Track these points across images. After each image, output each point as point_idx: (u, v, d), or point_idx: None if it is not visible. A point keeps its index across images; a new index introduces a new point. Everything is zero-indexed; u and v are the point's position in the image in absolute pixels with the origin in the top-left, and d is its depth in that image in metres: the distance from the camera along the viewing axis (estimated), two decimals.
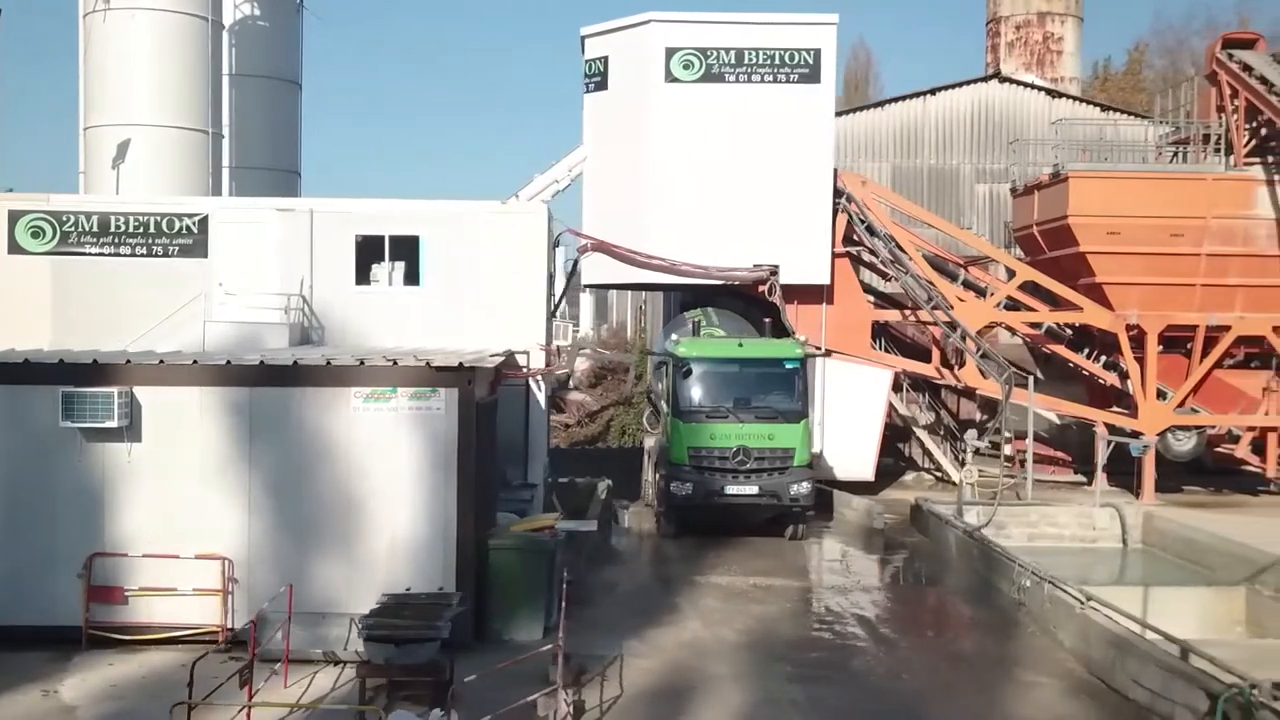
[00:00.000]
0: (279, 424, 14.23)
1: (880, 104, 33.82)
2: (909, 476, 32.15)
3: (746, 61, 26.57)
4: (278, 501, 14.22)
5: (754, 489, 21.28)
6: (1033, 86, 34.23)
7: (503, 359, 16.66)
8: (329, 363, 14.21)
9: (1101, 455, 25.16)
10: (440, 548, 14.18)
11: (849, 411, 27.67)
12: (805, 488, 21.38)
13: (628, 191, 27.10)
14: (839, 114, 33.87)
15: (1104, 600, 14.81)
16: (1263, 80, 26.82)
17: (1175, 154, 29.67)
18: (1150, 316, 27.40)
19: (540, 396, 21.27)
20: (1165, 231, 26.64)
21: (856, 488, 27.44)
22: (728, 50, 26.53)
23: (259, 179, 30.54)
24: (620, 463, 30.25)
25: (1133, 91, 52.73)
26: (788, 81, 26.59)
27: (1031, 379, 27.31)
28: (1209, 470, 30.25)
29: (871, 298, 30.43)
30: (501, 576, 14.67)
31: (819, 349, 27.46)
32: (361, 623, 11.61)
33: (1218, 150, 27.69)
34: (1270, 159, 26.84)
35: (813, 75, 26.61)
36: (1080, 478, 30.42)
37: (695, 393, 21.82)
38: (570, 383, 41.98)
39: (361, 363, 14.20)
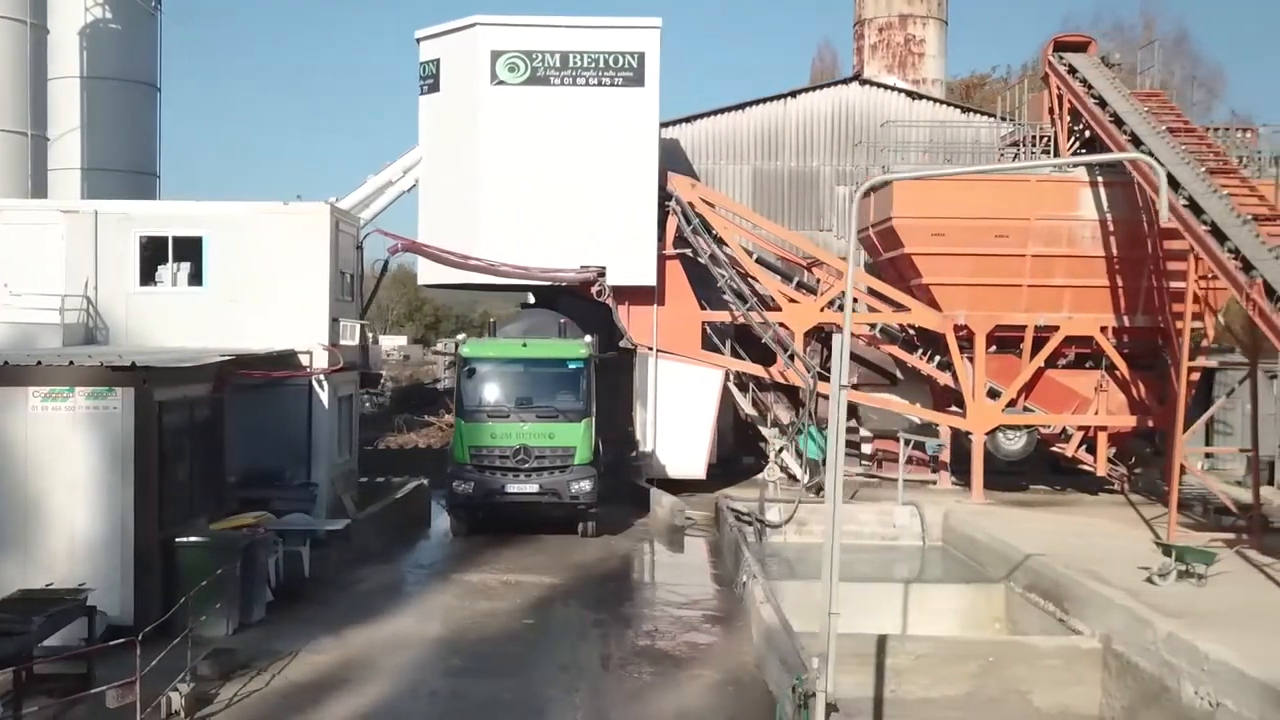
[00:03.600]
0: None
1: (740, 106, 33.94)
2: (762, 475, 32.36)
3: (571, 64, 26.82)
4: None
5: (534, 487, 21.55)
6: (893, 89, 34.44)
7: (227, 359, 16.90)
8: (5, 363, 14.44)
9: (904, 454, 25.43)
10: (118, 546, 14.44)
11: (680, 411, 27.95)
12: (586, 485, 21.62)
13: (459, 193, 27.37)
14: (702, 116, 34.32)
15: (773, 595, 15.04)
16: (1085, 83, 27.11)
17: (1016, 155, 29.93)
18: (978, 317, 27.64)
19: (323, 396, 21.49)
20: (990, 233, 26.80)
21: (693, 486, 27.76)
22: (553, 53, 26.77)
23: (113, 180, 30.74)
24: None
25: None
26: (612, 85, 26.84)
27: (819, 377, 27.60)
28: (1062, 469, 30.56)
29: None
30: (189, 574, 14.86)
31: (649, 348, 27.81)
32: None
33: (1046, 152, 27.95)
34: None
35: (637, 78, 26.85)
36: (933, 476, 30.63)
37: (478, 392, 22.10)
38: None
39: (39, 363, 14.43)
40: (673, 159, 32.60)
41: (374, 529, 21.44)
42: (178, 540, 15.00)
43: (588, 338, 23.27)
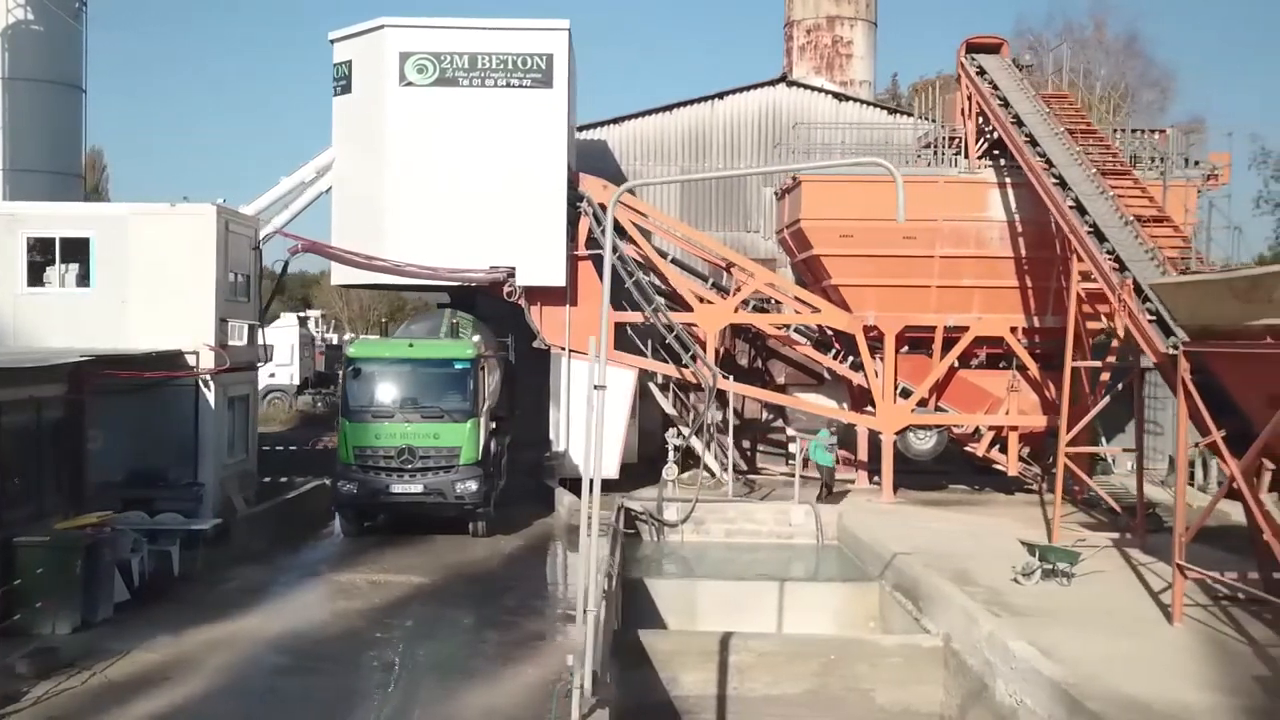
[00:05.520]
0: None
1: (668, 107, 34.06)
2: (687, 475, 32.45)
3: (480, 66, 26.91)
4: None
5: (418, 487, 21.62)
6: (820, 90, 34.54)
7: (86, 359, 16.99)
8: None
9: (799, 454, 25.56)
10: None
11: None
12: (471, 486, 21.70)
13: (369, 194, 27.46)
14: (630, 117, 34.44)
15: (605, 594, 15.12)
16: (993, 85, 27.22)
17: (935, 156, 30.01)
18: (887, 317, 27.78)
19: (210, 396, 21.59)
20: (897, 234, 26.73)
21: (610, 485, 27.72)
22: (461, 55, 26.87)
23: (37, 181, 30.70)
24: None
25: None
26: (520, 86, 26.93)
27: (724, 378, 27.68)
28: (984, 469, 30.70)
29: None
30: (27, 573, 14.96)
31: (562, 349, 27.94)
32: None
33: (958, 152, 28.05)
34: (1003, 162, 27.19)
35: (545, 80, 26.94)
36: (854, 475, 30.73)
37: (363, 393, 22.17)
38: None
39: None
40: (600, 161, 32.78)
41: (259, 529, 21.54)
42: (15, 540, 15.09)
43: (476, 337, 23.36)
